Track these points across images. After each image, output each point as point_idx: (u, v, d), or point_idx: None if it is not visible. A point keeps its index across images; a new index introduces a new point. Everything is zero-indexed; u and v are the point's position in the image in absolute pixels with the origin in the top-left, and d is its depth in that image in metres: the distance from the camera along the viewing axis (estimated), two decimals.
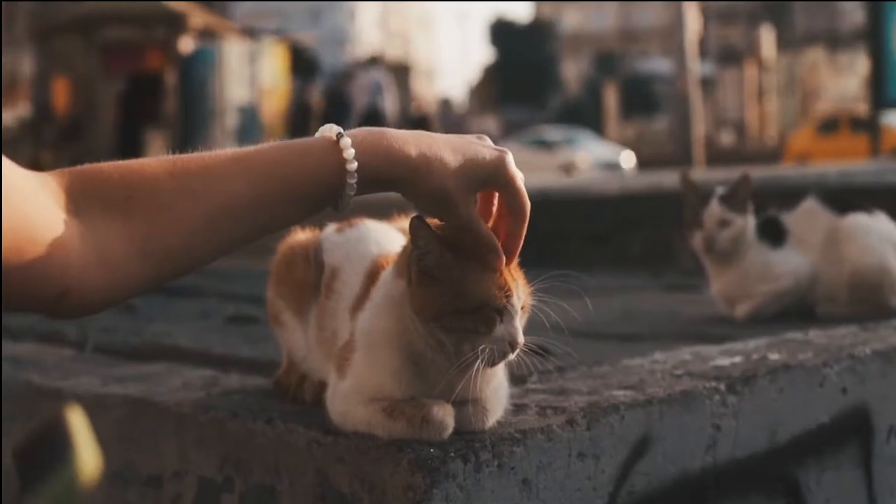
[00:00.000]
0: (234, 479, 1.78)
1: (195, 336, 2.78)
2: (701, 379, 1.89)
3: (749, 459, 1.87)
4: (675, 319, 3.04)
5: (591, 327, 2.88)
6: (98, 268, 1.28)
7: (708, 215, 2.87)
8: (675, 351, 2.21)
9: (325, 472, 1.61)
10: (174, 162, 1.35)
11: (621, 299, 3.66)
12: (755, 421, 1.89)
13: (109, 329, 2.99)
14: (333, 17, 71.39)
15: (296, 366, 1.87)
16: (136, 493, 1.97)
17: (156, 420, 1.94)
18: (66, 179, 1.31)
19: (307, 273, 1.80)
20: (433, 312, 1.47)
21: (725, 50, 44.33)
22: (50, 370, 2.37)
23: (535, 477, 1.58)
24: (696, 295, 3.44)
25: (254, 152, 1.39)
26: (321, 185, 1.40)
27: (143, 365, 2.38)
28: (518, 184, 1.48)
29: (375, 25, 79.19)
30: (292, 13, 62.62)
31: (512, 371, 1.89)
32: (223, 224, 1.35)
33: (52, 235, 1.24)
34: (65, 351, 2.67)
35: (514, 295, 1.49)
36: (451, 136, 1.48)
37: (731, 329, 2.67)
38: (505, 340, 1.48)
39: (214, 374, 2.20)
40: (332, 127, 1.43)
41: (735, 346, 2.22)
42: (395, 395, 1.54)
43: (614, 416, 1.69)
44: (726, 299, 2.96)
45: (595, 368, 2.08)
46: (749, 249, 2.89)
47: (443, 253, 1.47)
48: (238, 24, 30.09)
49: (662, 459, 1.75)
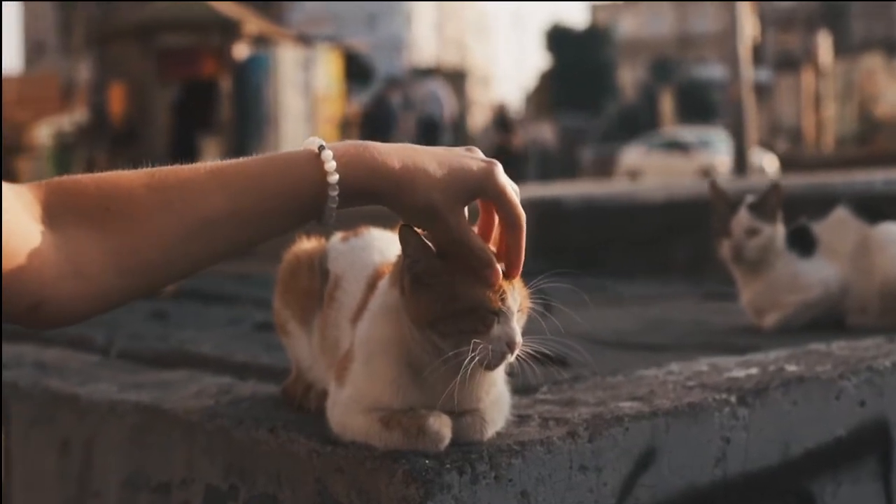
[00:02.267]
0: (238, 487, 1.78)
1: (219, 343, 2.78)
2: (712, 391, 1.87)
3: (761, 473, 1.85)
4: (704, 329, 3.01)
5: (618, 336, 2.87)
6: (73, 279, 1.29)
7: (736, 224, 2.83)
8: (691, 362, 2.19)
9: (324, 481, 1.61)
10: (152, 174, 1.35)
11: (656, 308, 3.64)
12: (767, 434, 1.86)
13: (137, 335, 3.00)
14: (390, 24, 71.60)
15: (302, 375, 1.87)
16: (147, 499, 1.98)
17: (165, 427, 1.95)
18: (42, 191, 1.32)
19: (312, 282, 1.80)
20: (428, 319, 1.46)
21: (783, 56, 44.05)
22: (71, 376, 2.38)
23: (534, 489, 1.56)
24: (731, 304, 3.40)
25: (233, 165, 1.39)
26: (303, 197, 1.39)
27: (164, 372, 2.39)
28: (509, 195, 1.46)
29: (432, 31, 79.32)
30: (348, 20, 62.93)
31: (523, 381, 1.89)
32: (201, 237, 1.35)
33: (25, 247, 1.25)
34: (91, 357, 2.69)
35: (510, 296, 1.47)
36: (438, 149, 1.47)
37: (757, 340, 2.64)
38: (502, 341, 1.46)
39: (231, 382, 2.20)
40: (315, 139, 1.43)
41: (754, 358, 2.20)
42: (392, 405, 1.53)
43: (617, 427, 1.67)
44: (755, 309, 2.93)
45: (608, 379, 2.06)
46: (778, 259, 2.85)
47: (433, 259, 1.46)
48: (293, 31, 30.20)
49: (669, 472, 1.72)
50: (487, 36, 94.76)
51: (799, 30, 46.59)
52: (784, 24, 47.74)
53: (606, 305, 3.79)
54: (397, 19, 72.97)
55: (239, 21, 24.33)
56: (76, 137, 25.51)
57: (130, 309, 3.74)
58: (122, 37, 24.70)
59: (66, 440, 2.19)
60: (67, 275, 1.28)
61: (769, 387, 1.89)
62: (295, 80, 23.71)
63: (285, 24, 32.31)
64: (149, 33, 23.87)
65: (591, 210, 5.97)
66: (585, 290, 4.26)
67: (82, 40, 29.21)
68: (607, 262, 5.40)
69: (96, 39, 26.57)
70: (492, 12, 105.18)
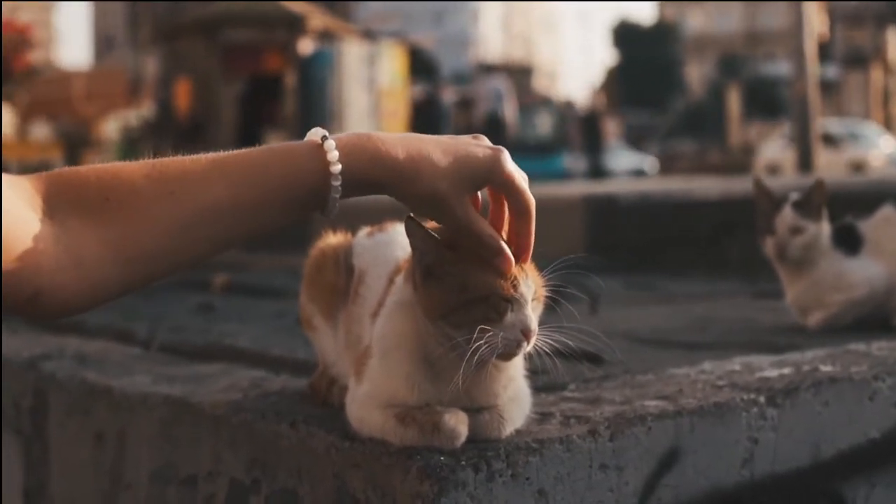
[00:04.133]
0: (261, 481, 1.78)
1: (258, 337, 2.79)
2: (742, 390, 1.84)
3: (790, 475, 1.82)
4: (748, 328, 2.97)
5: (659, 335, 2.84)
6: (72, 270, 1.29)
7: (780, 222, 2.79)
8: (725, 361, 2.16)
9: (342, 476, 1.60)
10: (153, 165, 1.35)
11: (703, 306, 3.60)
12: (797, 435, 1.83)
13: (179, 328, 3.02)
14: (456, 20, 71.64)
15: (327, 370, 1.86)
16: (175, 492, 1.98)
17: (193, 421, 1.95)
18: (42, 183, 1.32)
19: (337, 277, 1.79)
20: (441, 310, 1.45)
21: (851, 52, 43.59)
22: (110, 368, 2.39)
23: (552, 488, 1.55)
24: (781, 303, 3.36)
25: (235, 155, 1.39)
26: (305, 188, 1.39)
27: (199, 365, 2.40)
28: (517, 182, 1.45)
29: (498, 27, 79.31)
30: (415, 16, 62.98)
31: (551, 378, 1.87)
32: (201, 227, 1.35)
33: (23, 238, 1.25)
34: (132, 349, 2.70)
35: (522, 283, 1.46)
36: (443, 137, 1.46)
37: (799, 339, 2.60)
38: (516, 328, 1.44)
39: (264, 376, 2.20)
40: (318, 130, 1.43)
41: (789, 358, 2.17)
42: (408, 400, 1.52)
43: (640, 427, 1.65)
44: (799, 308, 2.88)
45: (637, 377, 2.04)
46: (823, 257, 2.81)
47: (442, 250, 1.45)
48: (359, 27, 30.30)
49: (693, 473, 1.70)
50: (554, 32, 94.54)
51: (868, 26, 46.07)
52: (853, 21, 47.23)
53: (654, 303, 3.76)
54: (464, 16, 73.00)
55: (304, 16, 24.42)
56: (142, 132, 25.74)
57: (178, 302, 3.77)
58: (188, 32, 24.89)
59: (101, 432, 2.20)
60: (66, 266, 1.29)
61: (800, 387, 1.86)
62: (359, 75, 23.75)
63: (352, 21, 32.41)
64: (215, 29, 24.02)
65: (646, 207, 5.92)
66: (635, 288, 4.25)
67: (150, 36, 29.46)
68: (662, 260, 5.35)
69: (163, 35, 26.79)
70: (559, 8, 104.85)
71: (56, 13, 71.54)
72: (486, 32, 76.19)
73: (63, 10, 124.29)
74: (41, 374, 2.43)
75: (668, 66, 55.84)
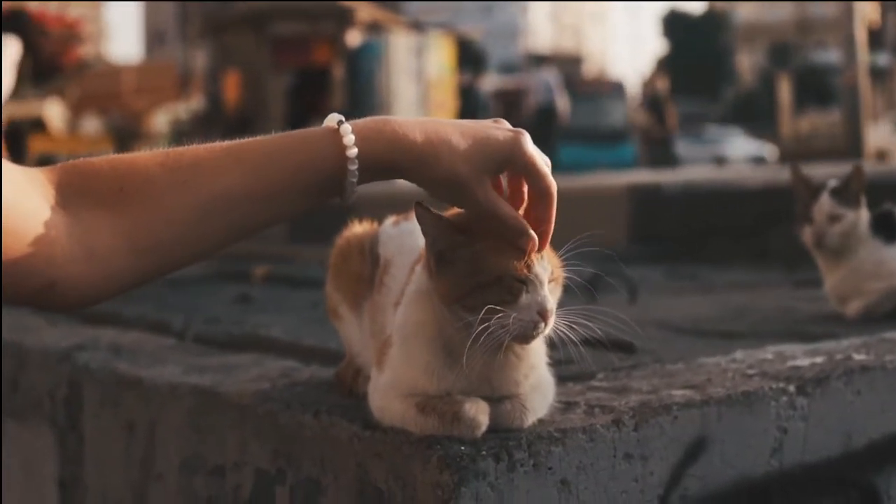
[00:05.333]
0: (286, 471, 1.77)
1: (292, 327, 2.79)
2: (772, 379, 1.82)
3: (821, 465, 1.80)
4: (786, 317, 2.94)
5: (696, 324, 2.81)
6: (85, 261, 1.29)
7: (818, 210, 2.76)
8: (757, 350, 2.14)
9: (364, 466, 1.60)
10: (167, 154, 1.35)
11: (743, 296, 3.57)
12: (828, 424, 1.81)
13: (214, 319, 3.02)
14: (505, 11, 71.47)
15: (353, 359, 1.86)
16: (203, 482, 1.98)
17: (220, 411, 1.95)
18: (55, 174, 1.32)
19: (363, 266, 1.78)
20: (455, 295, 1.44)
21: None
22: (143, 359, 2.40)
23: (574, 478, 1.54)
24: (820, 291, 3.33)
25: (249, 143, 1.38)
26: (321, 173, 1.38)
27: (231, 355, 2.40)
28: (538, 165, 1.43)
29: (548, 18, 79.11)
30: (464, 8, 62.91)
31: (580, 367, 1.86)
32: (216, 215, 1.34)
33: (35, 228, 1.25)
34: (166, 340, 2.70)
35: (537, 264, 1.44)
36: (463, 121, 1.45)
37: (837, 327, 2.57)
38: (532, 309, 1.42)
39: (294, 366, 2.20)
40: (335, 116, 1.42)
41: (823, 346, 2.14)
42: (428, 389, 1.51)
43: (665, 416, 1.63)
44: (838, 296, 2.85)
45: (667, 366, 2.02)
46: (861, 245, 2.77)
47: (453, 234, 1.44)
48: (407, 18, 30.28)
49: (720, 462, 1.68)
50: (603, 22, 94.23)
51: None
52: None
53: (693, 293, 3.73)
54: (513, 7, 72.79)
55: (352, 8, 24.44)
56: (192, 125, 25.82)
57: (215, 293, 3.78)
58: (236, 26, 24.96)
59: (132, 423, 2.20)
60: (79, 256, 1.29)
61: (831, 376, 1.83)
62: (407, 66, 23.74)
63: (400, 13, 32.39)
64: (263, 22, 24.08)
65: (690, 197, 5.88)
66: (676, 277, 4.22)
67: (199, 30, 29.57)
68: (705, 250, 5.32)
69: (212, 29, 26.87)
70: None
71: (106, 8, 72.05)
72: (536, 23, 76.04)
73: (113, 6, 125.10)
74: (75, 365, 2.44)
75: (719, 56, 55.48)
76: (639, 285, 3.54)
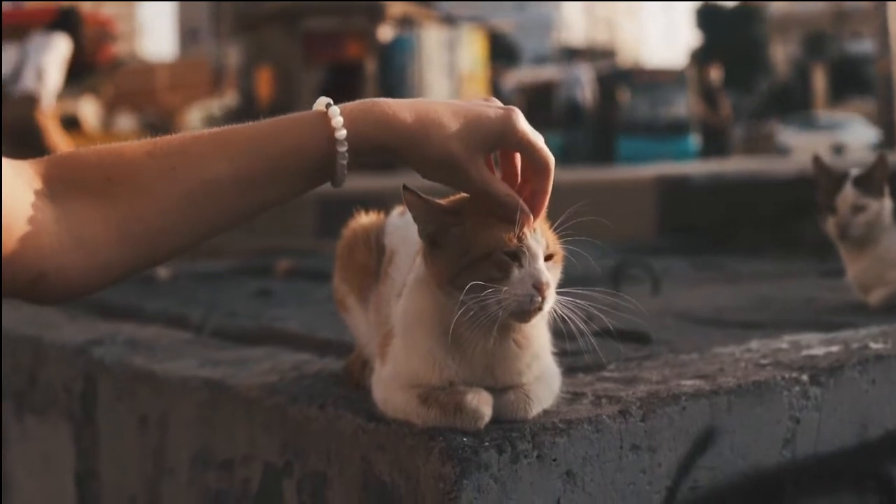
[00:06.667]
0: (293, 464, 1.76)
1: (309, 320, 2.77)
2: (785, 369, 1.79)
3: (835, 455, 1.77)
4: (809, 307, 2.91)
5: (718, 314, 2.78)
6: (75, 251, 1.28)
7: (842, 200, 2.72)
8: (773, 339, 2.11)
9: (368, 459, 1.58)
10: (154, 143, 1.34)
11: (769, 286, 3.53)
12: (842, 414, 1.78)
13: (233, 313, 3.01)
14: (539, 4, 71.27)
15: (361, 351, 1.84)
16: (213, 476, 1.97)
17: (230, 404, 1.94)
18: (43, 166, 1.31)
19: (368, 257, 1.77)
20: (448, 275, 1.42)
21: None
22: (157, 353, 2.39)
23: (580, 469, 1.51)
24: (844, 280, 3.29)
25: (237, 128, 1.37)
26: (311, 156, 1.37)
27: (248, 349, 2.39)
28: (532, 139, 1.41)
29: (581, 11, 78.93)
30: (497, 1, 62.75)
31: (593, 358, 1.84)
32: (205, 202, 1.33)
33: (23, 220, 1.24)
34: (183, 334, 2.70)
35: (529, 236, 1.41)
36: (454, 101, 1.43)
37: (858, 317, 2.53)
38: (527, 282, 1.40)
39: (307, 359, 2.19)
40: (323, 99, 1.40)
41: (840, 335, 2.11)
42: (431, 379, 1.49)
43: (674, 406, 1.61)
44: (861, 285, 2.81)
45: (680, 356, 1.99)
46: (885, 234, 2.73)
47: (442, 216, 1.43)
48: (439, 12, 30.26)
49: (731, 453, 1.66)
50: (637, 14, 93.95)
51: None
52: None
53: (718, 283, 3.70)
54: None
55: (384, 3, 24.43)
56: (225, 121, 25.90)
57: (237, 288, 3.78)
58: (269, 22, 25.00)
59: (144, 417, 2.20)
60: (69, 247, 1.28)
61: (845, 365, 1.80)
62: (439, 60, 23.72)
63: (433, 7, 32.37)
64: (295, 18, 24.11)
65: (718, 187, 5.85)
66: (703, 268, 4.18)
67: (232, 26, 29.64)
68: (734, 240, 5.28)
69: (245, 25, 26.92)
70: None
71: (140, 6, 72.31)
72: (569, 16, 75.85)
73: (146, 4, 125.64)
74: (91, 359, 2.44)
75: (753, 47, 55.12)
76: (662, 276, 3.51)
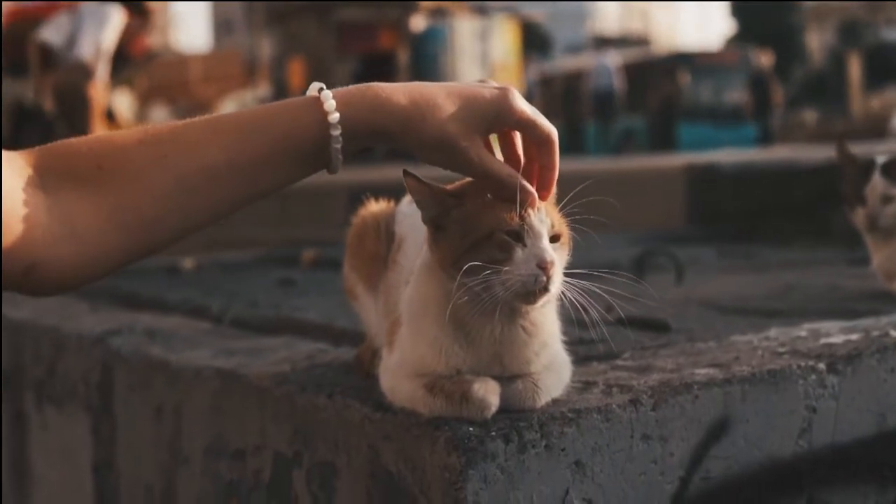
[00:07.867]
0: (302, 454, 1.74)
1: (327, 309, 2.75)
2: (802, 357, 1.76)
3: (852, 445, 1.74)
4: (834, 295, 2.87)
5: (741, 302, 2.75)
6: (67, 241, 1.27)
7: (871, 190, 2.66)
8: (792, 327, 2.08)
9: (375, 448, 1.56)
10: (146, 131, 1.32)
11: (794, 274, 3.50)
12: (860, 403, 1.75)
13: (254, 303, 3.00)
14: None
15: (371, 340, 1.82)
16: (226, 466, 1.96)
17: (241, 393, 1.93)
18: (34, 156, 1.30)
19: (378, 245, 1.75)
20: (451, 259, 1.41)
21: None
22: (175, 343, 2.38)
23: (589, 459, 1.49)
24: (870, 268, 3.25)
25: (230, 115, 1.36)
26: (304, 142, 1.35)
27: (265, 338, 2.37)
28: (530, 115, 1.40)
29: None
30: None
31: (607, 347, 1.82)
32: (199, 190, 1.32)
33: (14, 211, 1.23)
34: (202, 324, 2.69)
35: (532, 215, 1.39)
36: (448, 83, 1.43)
37: (882, 305, 2.50)
38: (531, 262, 1.37)
39: (322, 348, 2.17)
40: (316, 84, 1.39)
41: (861, 323, 2.07)
42: (437, 368, 1.47)
43: (686, 395, 1.58)
44: (886, 273, 2.77)
45: (696, 345, 1.96)
46: None
47: (444, 199, 1.42)
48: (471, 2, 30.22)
49: (745, 443, 1.63)
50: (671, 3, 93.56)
51: None
52: None
53: (744, 272, 3.67)
54: None
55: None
56: None
57: (260, 277, 3.77)
58: (302, 13, 25.04)
59: (160, 406, 2.19)
60: (61, 237, 1.26)
61: (863, 353, 1.77)
62: (472, 50, 23.72)
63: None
64: (328, 9, 24.13)
65: (747, 176, 5.80)
66: (730, 256, 4.15)
67: (265, 17, 29.69)
68: (763, 229, 5.24)
69: (278, 16, 26.98)
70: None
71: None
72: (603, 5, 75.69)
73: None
74: (108, 349, 2.43)
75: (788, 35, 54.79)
76: (688, 265, 3.48)
